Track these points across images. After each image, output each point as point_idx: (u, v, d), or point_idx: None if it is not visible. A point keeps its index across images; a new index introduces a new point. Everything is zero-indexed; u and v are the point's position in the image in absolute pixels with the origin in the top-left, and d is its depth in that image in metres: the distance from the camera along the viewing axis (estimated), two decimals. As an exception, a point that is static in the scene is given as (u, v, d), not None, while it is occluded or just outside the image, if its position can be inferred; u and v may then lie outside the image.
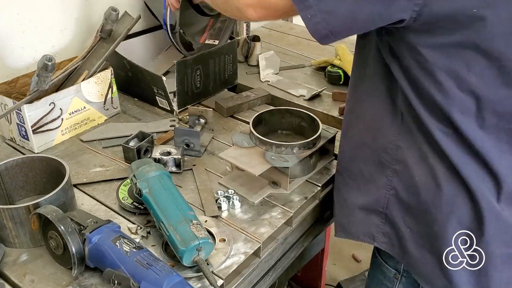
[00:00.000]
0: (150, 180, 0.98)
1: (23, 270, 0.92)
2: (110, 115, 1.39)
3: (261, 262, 0.98)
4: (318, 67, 1.68)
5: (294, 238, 1.09)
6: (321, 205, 1.15)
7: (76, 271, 0.87)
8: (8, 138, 1.29)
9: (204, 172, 1.17)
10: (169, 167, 1.15)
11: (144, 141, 1.17)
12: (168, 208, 0.94)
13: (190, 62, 1.39)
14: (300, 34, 2.00)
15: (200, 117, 1.29)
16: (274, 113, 1.24)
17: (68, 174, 0.99)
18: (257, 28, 2.06)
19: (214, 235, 0.97)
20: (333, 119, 1.40)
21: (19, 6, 1.33)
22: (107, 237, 0.88)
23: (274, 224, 1.02)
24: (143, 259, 0.84)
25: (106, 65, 1.36)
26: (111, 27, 1.34)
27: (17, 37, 1.35)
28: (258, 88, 1.51)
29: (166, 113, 1.42)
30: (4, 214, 0.92)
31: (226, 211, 1.06)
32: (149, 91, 1.43)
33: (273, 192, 1.10)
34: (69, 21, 1.46)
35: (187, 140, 1.21)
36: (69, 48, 1.48)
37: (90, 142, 1.28)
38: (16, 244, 0.96)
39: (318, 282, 1.52)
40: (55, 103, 1.23)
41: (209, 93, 1.49)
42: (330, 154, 1.21)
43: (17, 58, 1.37)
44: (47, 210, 0.88)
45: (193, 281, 0.89)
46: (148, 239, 0.97)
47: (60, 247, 0.89)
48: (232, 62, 1.52)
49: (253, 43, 1.69)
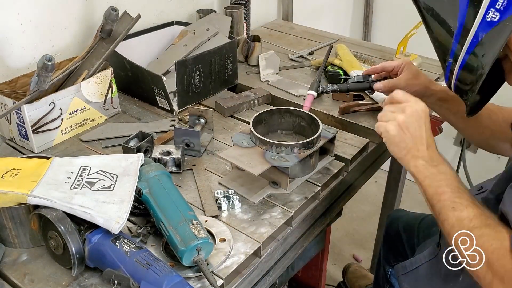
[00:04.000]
0: (150, 180, 0.99)
1: (23, 270, 0.92)
2: (110, 115, 1.39)
3: (261, 262, 0.98)
4: (318, 67, 1.68)
5: (294, 238, 1.09)
6: (321, 205, 1.14)
7: (76, 271, 0.87)
8: (8, 138, 1.29)
9: (204, 172, 1.17)
10: (169, 167, 1.15)
11: (144, 141, 1.17)
12: (168, 208, 0.94)
13: (190, 62, 1.39)
14: (300, 34, 2.00)
15: (200, 117, 1.29)
16: (274, 113, 1.24)
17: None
18: (257, 28, 2.06)
19: (214, 235, 0.97)
20: (333, 119, 1.40)
21: (19, 6, 1.33)
22: (107, 237, 0.88)
23: (274, 224, 1.02)
24: (143, 259, 0.84)
25: (106, 65, 1.36)
26: (111, 27, 1.34)
27: (17, 37, 1.35)
28: (258, 88, 1.51)
29: (166, 113, 1.42)
30: (4, 214, 0.92)
31: (226, 211, 1.06)
32: (149, 91, 1.43)
33: (273, 192, 1.10)
34: (69, 21, 1.46)
35: (187, 140, 1.21)
36: (69, 48, 1.48)
37: (90, 142, 1.28)
38: (16, 244, 0.96)
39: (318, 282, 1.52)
40: (55, 103, 1.23)
41: (209, 93, 1.49)
42: (330, 154, 1.21)
43: (17, 58, 1.37)
44: (47, 210, 0.88)
45: (193, 281, 0.89)
46: (148, 239, 0.97)
47: (60, 247, 0.89)
48: (232, 62, 1.52)
49: (253, 43, 1.69)
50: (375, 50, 1.84)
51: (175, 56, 1.51)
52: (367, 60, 1.72)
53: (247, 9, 1.83)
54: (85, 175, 0.98)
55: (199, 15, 1.72)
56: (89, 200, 0.91)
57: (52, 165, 1.01)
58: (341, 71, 1.55)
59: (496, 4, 0.82)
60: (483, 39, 0.85)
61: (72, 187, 0.95)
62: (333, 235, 1.55)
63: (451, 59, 0.92)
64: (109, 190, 0.95)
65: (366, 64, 1.66)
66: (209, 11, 1.73)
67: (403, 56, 1.70)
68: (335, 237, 2.37)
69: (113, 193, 0.95)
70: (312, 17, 2.44)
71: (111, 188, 0.96)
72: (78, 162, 1.03)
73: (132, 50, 1.51)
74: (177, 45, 1.59)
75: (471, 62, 0.89)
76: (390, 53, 1.80)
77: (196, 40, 1.57)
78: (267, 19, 2.18)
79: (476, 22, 0.85)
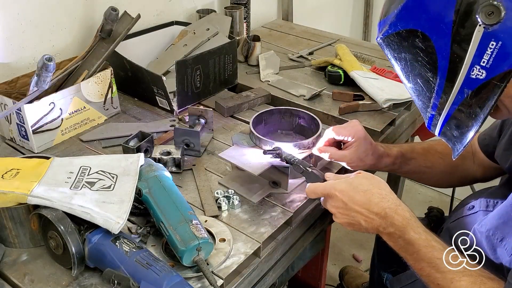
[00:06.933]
0: (150, 180, 0.98)
1: (23, 270, 0.92)
2: (110, 115, 1.39)
3: (261, 262, 0.98)
4: (318, 67, 1.68)
5: (294, 238, 1.09)
6: (321, 205, 1.14)
7: (76, 271, 0.87)
8: (8, 138, 1.29)
9: (204, 172, 1.17)
10: (169, 167, 1.15)
11: (144, 141, 1.17)
12: (168, 208, 0.94)
13: (190, 62, 1.39)
14: (300, 34, 2.00)
15: (200, 117, 1.29)
16: (274, 113, 1.24)
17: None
18: (257, 28, 2.06)
19: (214, 235, 0.97)
20: (333, 119, 1.40)
21: (19, 6, 1.33)
22: (107, 237, 0.88)
23: (274, 224, 1.02)
24: (143, 259, 0.84)
25: (106, 65, 1.36)
26: (111, 27, 1.34)
27: (17, 37, 1.35)
28: (258, 88, 1.51)
29: (166, 113, 1.42)
30: (4, 214, 0.92)
31: (226, 211, 1.06)
32: (149, 91, 1.43)
33: (273, 192, 1.10)
34: (69, 21, 1.46)
35: (187, 140, 1.21)
36: (69, 48, 1.48)
37: (90, 142, 1.28)
38: (16, 244, 0.96)
39: (318, 282, 1.51)
40: (55, 103, 1.23)
41: (209, 93, 1.49)
42: (330, 154, 1.21)
43: (17, 58, 1.37)
44: (47, 210, 0.88)
45: (193, 281, 0.89)
46: (148, 239, 0.97)
47: (60, 247, 0.89)
48: (232, 62, 1.52)
49: (253, 43, 1.69)
50: (375, 50, 1.84)
51: (175, 56, 1.51)
52: (367, 60, 1.72)
53: (247, 9, 1.83)
54: (85, 175, 0.98)
55: (199, 15, 1.72)
56: (89, 200, 0.91)
57: (52, 165, 1.01)
58: (341, 71, 1.55)
59: (481, 61, 0.75)
60: (469, 96, 0.78)
61: (72, 187, 0.95)
62: (333, 235, 1.55)
63: (434, 111, 0.85)
64: (109, 190, 0.95)
65: (366, 64, 1.66)
66: (209, 11, 1.73)
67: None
68: (335, 237, 2.37)
69: (113, 193, 0.95)
70: (312, 17, 2.43)
71: (111, 188, 0.96)
72: (78, 162, 1.03)
73: (132, 50, 1.51)
74: (177, 45, 1.59)
75: (457, 118, 0.83)
76: (390, 53, 1.80)
77: (196, 40, 1.57)
78: (267, 19, 2.18)
79: (459, 78, 0.78)
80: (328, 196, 0.97)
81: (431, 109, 0.85)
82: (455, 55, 0.77)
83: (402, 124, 1.47)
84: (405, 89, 0.91)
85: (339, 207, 0.96)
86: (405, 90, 1.46)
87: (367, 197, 0.93)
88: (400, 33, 0.81)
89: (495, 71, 0.74)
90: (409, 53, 0.82)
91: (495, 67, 0.74)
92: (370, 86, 1.46)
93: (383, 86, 1.46)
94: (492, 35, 0.73)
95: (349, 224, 0.97)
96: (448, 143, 0.89)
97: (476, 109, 0.79)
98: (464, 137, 0.84)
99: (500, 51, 0.73)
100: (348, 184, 0.96)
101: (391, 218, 0.92)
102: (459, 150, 0.86)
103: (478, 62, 0.75)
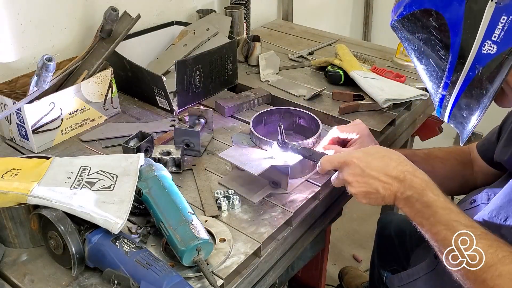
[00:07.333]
0: (149, 180, 0.98)
1: (23, 270, 0.92)
2: (110, 115, 1.39)
3: (261, 262, 0.98)
4: (318, 67, 1.68)
5: (294, 238, 1.09)
6: (321, 205, 1.14)
7: (76, 271, 0.87)
8: (8, 138, 1.29)
9: (204, 172, 1.17)
10: (169, 167, 1.15)
11: (144, 141, 1.17)
12: (167, 208, 0.94)
13: (190, 62, 1.39)
14: (300, 34, 2.00)
15: (200, 117, 1.29)
16: (274, 113, 1.24)
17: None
18: (257, 28, 2.06)
19: (214, 235, 0.97)
20: (333, 119, 1.40)
21: (19, 6, 1.33)
22: (107, 237, 0.88)
23: (274, 224, 1.02)
24: (143, 259, 0.84)
25: (106, 65, 1.36)
26: (111, 27, 1.34)
27: (17, 37, 1.35)
28: (258, 88, 1.51)
29: (166, 113, 1.42)
30: (4, 214, 0.92)
31: (226, 211, 1.06)
32: (149, 91, 1.43)
33: (273, 192, 1.10)
34: (69, 21, 1.46)
35: (187, 140, 1.21)
36: (69, 48, 1.48)
37: (90, 142, 1.28)
38: (16, 244, 0.96)
39: (318, 282, 1.51)
40: (55, 103, 1.23)
41: (209, 93, 1.49)
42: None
43: (17, 58, 1.37)
44: (47, 210, 0.88)
45: (193, 281, 0.89)
46: (148, 239, 0.97)
47: (60, 247, 0.89)
48: (232, 62, 1.52)
49: (253, 43, 1.69)
50: (375, 50, 1.84)
51: (175, 56, 1.51)
52: (367, 60, 1.72)
53: (247, 9, 1.83)
54: (85, 175, 0.98)
55: (199, 15, 1.72)
56: (89, 200, 0.91)
57: (52, 165, 1.01)
58: (341, 71, 1.55)
59: (492, 36, 0.78)
60: (480, 72, 0.81)
61: (72, 187, 0.94)
62: (333, 235, 1.55)
63: (445, 91, 0.88)
64: (109, 190, 0.95)
65: (366, 64, 1.66)
66: (209, 11, 1.73)
67: (403, 56, 1.70)
68: (335, 237, 2.37)
69: (113, 193, 0.94)
70: (312, 17, 2.44)
71: (111, 188, 0.96)
72: (78, 162, 1.03)
73: (132, 50, 1.51)
74: (177, 45, 1.59)
75: (468, 96, 0.85)
76: (390, 53, 1.80)
77: (196, 40, 1.57)
78: (267, 19, 2.18)
79: (471, 54, 0.81)
80: (345, 164, 0.96)
81: (442, 89, 0.88)
82: (467, 31, 0.80)
83: (402, 124, 1.47)
84: (406, 89, 0.92)
85: (357, 174, 0.94)
86: (405, 90, 1.48)
87: (385, 161, 0.93)
88: (414, 13, 0.85)
89: (506, 45, 0.78)
90: (422, 33, 0.86)
91: (506, 41, 0.78)
92: (370, 86, 1.46)
93: (383, 86, 1.46)
94: (503, 10, 0.76)
95: (366, 193, 0.95)
96: (457, 127, 0.91)
97: (487, 86, 0.82)
98: (472, 118, 0.86)
99: (511, 25, 0.76)
100: (365, 152, 0.96)
101: (409, 181, 0.91)
102: (468, 133, 0.89)
103: (490, 37, 0.78)
